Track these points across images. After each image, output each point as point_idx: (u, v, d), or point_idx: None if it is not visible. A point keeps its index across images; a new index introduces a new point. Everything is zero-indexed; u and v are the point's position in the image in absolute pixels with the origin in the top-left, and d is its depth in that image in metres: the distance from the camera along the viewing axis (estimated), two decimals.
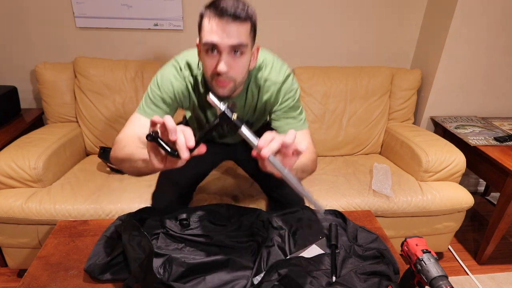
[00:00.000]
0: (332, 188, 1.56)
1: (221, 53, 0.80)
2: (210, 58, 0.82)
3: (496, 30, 1.84)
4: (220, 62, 0.80)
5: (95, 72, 1.71)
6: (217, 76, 0.83)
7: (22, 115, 1.83)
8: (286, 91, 0.98)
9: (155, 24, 1.82)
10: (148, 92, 0.96)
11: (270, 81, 0.97)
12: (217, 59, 0.81)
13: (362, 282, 0.79)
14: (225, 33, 0.77)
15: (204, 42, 0.80)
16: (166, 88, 0.94)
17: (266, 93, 0.99)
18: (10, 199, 1.35)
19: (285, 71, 0.99)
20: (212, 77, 0.85)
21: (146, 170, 0.76)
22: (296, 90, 1.01)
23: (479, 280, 1.64)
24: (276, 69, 0.98)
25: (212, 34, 0.78)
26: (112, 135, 1.77)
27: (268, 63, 0.98)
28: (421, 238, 0.73)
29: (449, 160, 1.59)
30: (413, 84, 1.95)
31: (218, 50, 0.80)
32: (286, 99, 0.99)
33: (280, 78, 0.97)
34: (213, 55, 0.81)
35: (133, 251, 0.82)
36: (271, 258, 0.87)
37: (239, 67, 0.84)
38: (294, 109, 1.01)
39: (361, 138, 1.94)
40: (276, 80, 0.97)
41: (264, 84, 0.98)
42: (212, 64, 0.82)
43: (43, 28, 1.78)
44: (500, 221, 1.58)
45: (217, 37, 0.78)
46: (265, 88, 0.98)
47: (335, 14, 1.93)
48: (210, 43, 0.79)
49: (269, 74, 0.97)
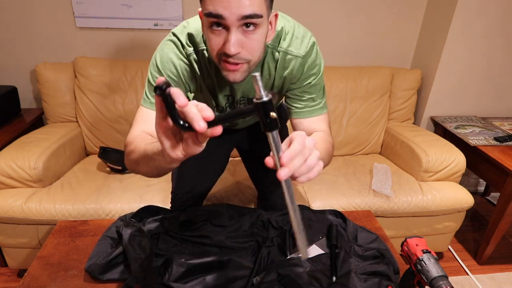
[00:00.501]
0: (332, 188, 1.56)
1: (230, 28, 0.63)
2: (216, 35, 0.65)
3: (496, 30, 1.84)
4: (228, 40, 0.64)
5: (95, 72, 1.71)
6: (225, 57, 0.66)
7: (22, 115, 1.83)
8: (309, 67, 0.82)
9: (155, 24, 1.82)
10: (149, 78, 0.82)
11: (291, 54, 0.81)
12: (225, 36, 0.65)
13: (362, 282, 0.79)
14: (233, 1, 0.60)
15: (206, 13, 0.63)
16: (168, 71, 0.79)
17: (285, 69, 0.83)
18: (10, 199, 1.35)
19: (309, 41, 0.81)
20: (219, 58, 0.69)
21: (164, 165, 0.58)
22: (320, 65, 0.85)
23: (479, 280, 1.64)
24: (298, 39, 0.80)
25: (215, 2, 0.61)
26: (112, 135, 1.77)
27: (288, 32, 0.80)
28: (421, 238, 0.73)
29: (449, 160, 1.59)
30: (413, 84, 1.95)
31: (225, 25, 0.63)
32: (307, 76, 0.84)
33: (303, 50, 0.81)
34: (219, 31, 0.65)
35: (134, 251, 0.82)
36: (271, 258, 0.87)
37: (254, 45, 0.67)
38: (315, 88, 0.86)
39: (361, 138, 1.94)
40: (298, 53, 0.81)
41: (284, 58, 0.81)
42: (219, 43, 0.66)
43: (43, 28, 1.78)
44: (500, 221, 1.58)
45: (223, 7, 0.61)
46: (285, 63, 0.82)
47: (335, 14, 1.93)
48: (215, 15, 0.62)
49: (289, 45, 0.80)
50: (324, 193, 1.53)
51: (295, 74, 0.84)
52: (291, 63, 0.82)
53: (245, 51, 0.66)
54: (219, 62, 0.69)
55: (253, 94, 0.86)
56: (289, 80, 0.85)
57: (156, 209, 1.04)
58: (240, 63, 0.68)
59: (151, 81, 0.81)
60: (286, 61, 0.82)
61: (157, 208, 1.04)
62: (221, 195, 1.49)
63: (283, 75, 0.84)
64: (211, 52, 0.70)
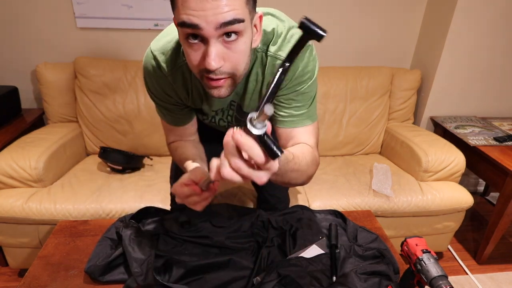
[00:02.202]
0: (332, 188, 1.56)
1: (208, 40, 0.55)
2: (193, 50, 0.58)
3: (496, 30, 1.85)
4: (208, 55, 0.56)
5: (95, 72, 1.71)
6: (206, 73, 0.60)
7: (22, 115, 1.84)
8: (299, 73, 0.72)
9: (155, 24, 1.82)
10: (150, 96, 0.82)
11: (280, 59, 0.71)
12: (203, 50, 0.57)
13: (362, 282, 0.80)
14: (207, 8, 0.52)
15: (180, 23, 0.55)
16: (158, 95, 0.78)
17: (271, 76, 0.71)
18: (11, 199, 1.35)
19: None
20: (200, 75, 0.62)
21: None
22: (313, 72, 0.74)
23: (478, 280, 1.64)
24: (290, 43, 0.71)
25: (188, 11, 0.53)
26: (113, 135, 1.78)
27: (281, 34, 0.71)
28: (421, 238, 0.73)
29: (449, 160, 1.59)
30: (413, 84, 1.96)
31: (203, 36, 0.55)
32: (296, 83, 0.74)
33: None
34: (197, 45, 0.57)
35: (134, 252, 0.82)
36: (271, 259, 0.87)
37: (237, 57, 0.59)
38: (303, 96, 0.76)
39: (361, 138, 1.95)
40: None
41: (273, 64, 0.72)
42: (196, 58, 0.59)
43: (44, 28, 1.78)
44: (499, 221, 1.59)
45: (197, 16, 0.52)
46: (273, 69, 0.73)
47: (335, 14, 1.93)
48: (189, 25, 0.54)
49: (279, 49, 0.71)
50: (324, 193, 1.53)
51: (286, 80, 0.74)
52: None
53: (228, 64, 0.59)
54: (201, 78, 0.63)
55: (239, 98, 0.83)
56: None
57: (156, 210, 1.04)
58: (223, 78, 0.61)
59: (153, 98, 0.82)
60: (274, 66, 0.73)
61: (157, 209, 1.04)
62: (222, 196, 1.49)
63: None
64: (191, 68, 0.63)
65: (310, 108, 0.78)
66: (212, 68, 0.57)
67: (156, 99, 0.81)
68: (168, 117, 0.85)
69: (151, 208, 1.04)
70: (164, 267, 0.83)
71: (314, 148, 0.78)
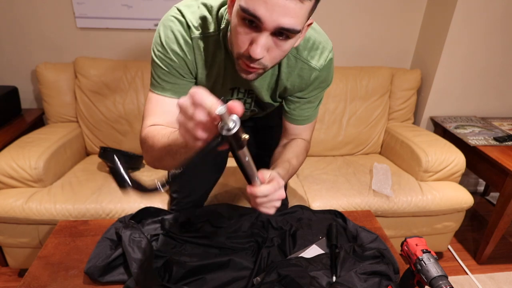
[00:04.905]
0: (332, 188, 1.56)
1: (262, 31, 0.58)
2: (244, 33, 0.60)
3: (496, 30, 1.84)
4: (256, 43, 0.58)
5: (95, 72, 1.71)
6: (246, 58, 0.62)
7: (22, 115, 1.84)
8: (322, 80, 0.82)
9: (156, 25, 1.82)
10: (153, 59, 0.75)
11: (308, 65, 0.79)
12: (253, 37, 0.59)
13: (362, 282, 0.80)
14: (277, 7, 0.54)
15: (243, 8, 0.56)
16: (172, 50, 0.73)
17: (297, 77, 0.81)
18: (11, 199, 1.35)
19: (328, 55, 0.80)
20: (238, 56, 0.64)
21: (189, 154, 0.56)
22: (331, 80, 0.85)
23: (478, 280, 1.64)
24: (318, 50, 0.78)
25: (258, 2, 0.54)
26: (113, 135, 1.78)
27: (309, 40, 0.77)
28: (421, 238, 0.73)
29: (448, 160, 1.59)
30: (413, 84, 1.96)
31: (259, 27, 0.57)
32: (316, 87, 0.83)
33: (320, 63, 0.79)
34: (249, 30, 0.59)
35: (133, 252, 0.82)
36: (271, 259, 0.87)
37: (280, 53, 0.63)
38: (317, 98, 0.87)
39: (361, 138, 1.95)
40: (315, 65, 0.79)
41: (301, 67, 0.79)
42: (244, 42, 0.61)
43: (44, 28, 1.78)
44: (499, 221, 1.58)
45: (265, 10, 0.54)
46: (300, 72, 0.80)
47: (335, 14, 1.93)
48: (251, 14, 0.55)
49: (308, 55, 0.78)
50: (324, 193, 1.53)
51: (304, 84, 0.83)
52: (303, 72, 0.81)
53: (268, 57, 0.62)
54: (238, 58, 0.65)
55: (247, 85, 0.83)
56: (298, 87, 0.84)
57: (155, 210, 1.04)
58: (258, 67, 0.64)
59: (156, 61, 0.74)
60: (301, 70, 0.80)
61: (156, 209, 1.05)
62: (222, 196, 1.49)
63: (291, 82, 0.82)
64: (234, 47, 0.64)
65: (317, 109, 0.91)
66: (256, 57, 0.59)
67: (164, 57, 0.73)
68: (164, 83, 0.75)
69: (151, 208, 1.04)
70: (164, 267, 0.83)
71: (309, 141, 0.94)
